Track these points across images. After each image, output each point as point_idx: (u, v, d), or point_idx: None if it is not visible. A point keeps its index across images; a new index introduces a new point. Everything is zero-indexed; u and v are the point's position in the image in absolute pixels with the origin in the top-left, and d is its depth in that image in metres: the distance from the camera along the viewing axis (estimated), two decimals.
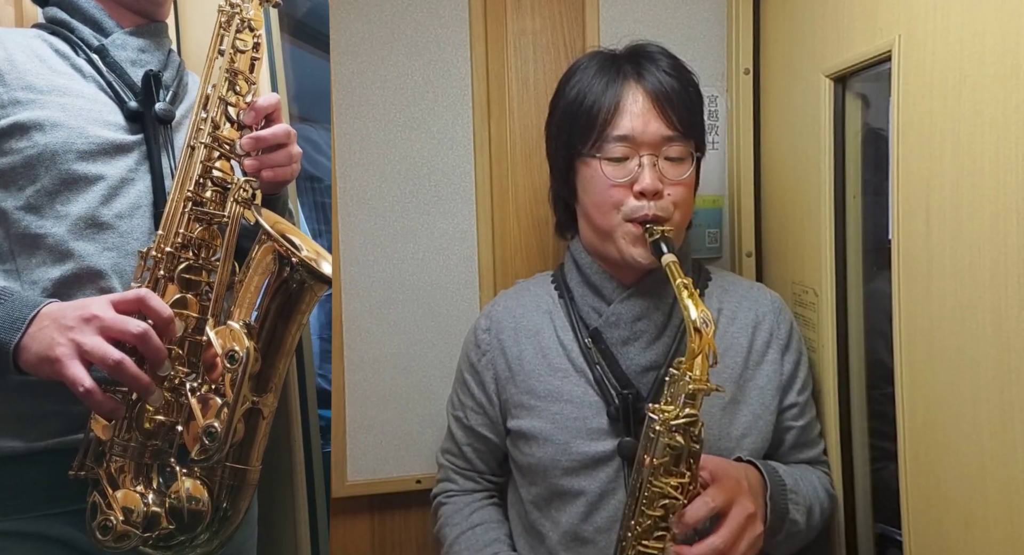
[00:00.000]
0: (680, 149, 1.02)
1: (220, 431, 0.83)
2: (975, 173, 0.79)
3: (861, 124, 1.10)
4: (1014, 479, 0.75)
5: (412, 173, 1.29)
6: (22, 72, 0.93)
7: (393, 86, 1.27)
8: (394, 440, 1.30)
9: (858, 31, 1.01)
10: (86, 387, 0.78)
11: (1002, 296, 0.75)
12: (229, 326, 0.87)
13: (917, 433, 0.90)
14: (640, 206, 1.00)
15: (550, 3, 1.32)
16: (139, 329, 0.80)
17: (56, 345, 0.79)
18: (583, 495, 1.02)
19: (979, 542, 0.80)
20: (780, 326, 1.09)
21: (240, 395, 0.85)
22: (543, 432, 1.04)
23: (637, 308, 1.05)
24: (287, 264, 0.89)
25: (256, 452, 0.91)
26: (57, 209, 0.91)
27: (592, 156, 1.02)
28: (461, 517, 1.14)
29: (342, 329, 1.28)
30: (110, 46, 1.00)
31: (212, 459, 0.84)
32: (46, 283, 0.90)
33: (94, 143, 0.93)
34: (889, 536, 1.09)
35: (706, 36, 1.33)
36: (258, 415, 0.90)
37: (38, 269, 0.90)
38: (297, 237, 0.94)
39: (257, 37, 0.99)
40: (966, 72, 0.80)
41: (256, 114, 0.96)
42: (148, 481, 0.86)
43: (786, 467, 1.05)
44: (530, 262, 1.34)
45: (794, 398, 1.08)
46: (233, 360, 0.85)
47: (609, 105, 1.01)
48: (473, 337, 1.16)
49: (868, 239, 1.10)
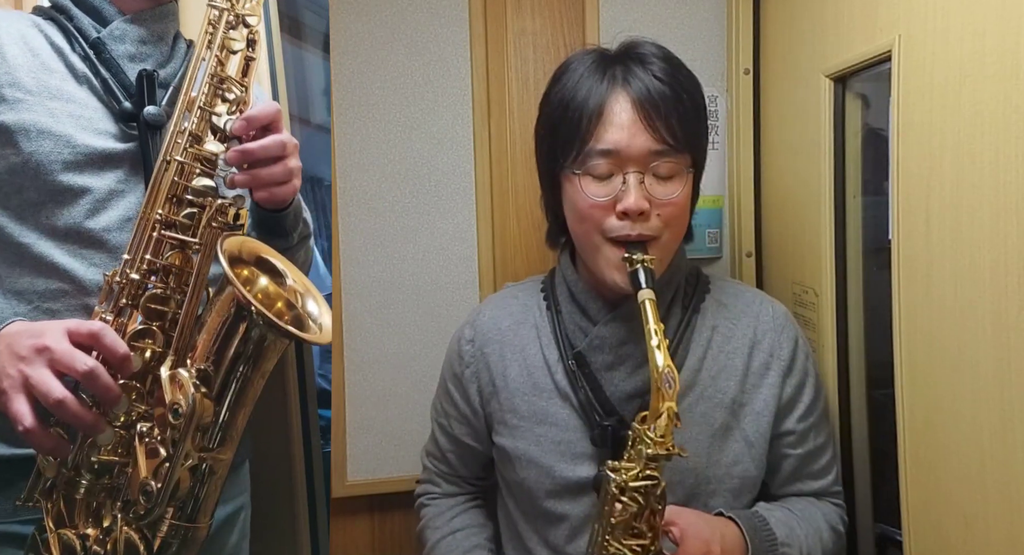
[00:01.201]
0: (670, 165, 0.92)
1: (155, 490, 0.76)
2: (975, 173, 0.79)
3: (861, 124, 1.10)
4: (1014, 479, 0.75)
5: (412, 173, 1.29)
6: (12, 67, 0.87)
7: (393, 86, 1.27)
8: (394, 440, 1.30)
9: (858, 31, 1.01)
10: (25, 426, 0.74)
11: (1002, 296, 0.75)
12: (178, 373, 0.78)
13: (917, 433, 0.90)
14: (622, 226, 0.92)
15: (550, 3, 1.32)
16: (86, 367, 0.74)
17: (4, 376, 0.75)
18: (567, 519, 0.99)
19: (979, 542, 0.80)
20: (782, 346, 1.01)
21: (181, 452, 0.76)
22: (526, 454, 1.01)
23: (622, 331, 0.98)
24: (245, 314, 0.79)
25: (205, 508, 0.82)
26: (42, 221, 0.87)
27: (573, 172, 0.94)
28: (442, 521, 1.12)
29: (342, 329, 1.28)
30: (107, 39, 0.93)
31: (151, 516, 0.77)
32: (31, 296, 0.87)
33: (82, 153, 0.88)
34: (889, 536, 1.08)
35: (706, 36, 1.33)
36: (208, 472, 0.80)
37: (22, 279, 0.87)
38: (276, 261, 0.86)
39: (253, 33, 0.89)
40: (966, 72, 0.80)
41: (248, 125, 0.86)
42: (97, 521, 0.80)
43: (782, 511, 0.99)
44: (530, 262, 1.34)
45: (792, 425, 1.00)
46: (177, 415, 0.76)
47: (591, 115, 0.92)
48: (457, 346, 1.10)
49: (868, 239, 1.10)
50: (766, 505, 1.01)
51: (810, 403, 1.02)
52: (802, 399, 1.02)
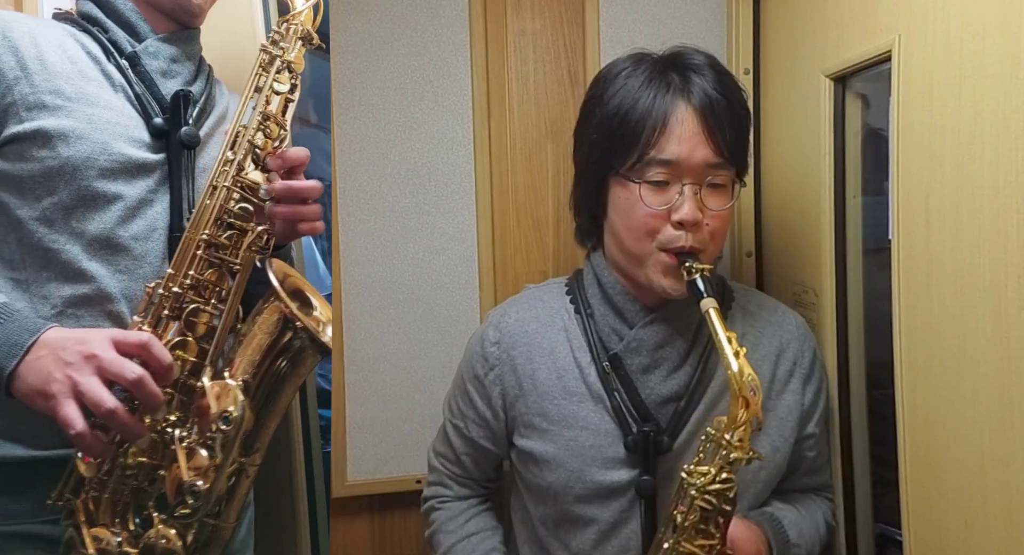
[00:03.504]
0: (724, 176, 0.95)
1: (204, 491, 0.81)
2: (975, 173, 0.79)
3: (861, 124, 1.10)
4: (1014, 479, 0.75)
5: (412, 173, 1.29)
6: (52, 73, 0.90)
7: (393, 86, 1.27)
8: (394, 440, 1.30)
9: (858, 31, 1.01)
10: (77, 430, 0.76)
11: (1002, 296, 0.75)
12: (225, 383, 0.84)
13: (917, 433, 0.90)
14: (677, 236, 0.93)
15: (550, 3, 1.32)
16: (135, 375, 0.78)
17: (53, 381, 0.77)
18: (595, 523, 0.99)
19: (979, 542, 0.80)
20: (804, 354, 1.05)
21: (230, 457, 0.83)
22: (556, 457, 1.00)
23: (660, 334, 0.99)
24: (290, 328, 0.87)
25: (234, 509, 0.88)
26: (72, 225, 0.89)
27: (630, 179, 0.95)
28: (456, 525, 1.11)
29: (342, 329, 1.28)
30: (142, 54, 0.97)
31: (195, 516, 0.82)
32: (56, 300, 0.88)
33: (116, 161, 0.91)
34: (889, 536, 1.09)
35: (706, 36, 1.33)
36: (242, 474, 0.88)
37: (48, 284, 0.89)
38: (311, 295, 0.93)
39: (295, 79, 0.95)
40: (966, 72, 0.80)
41: (283, 162, 0.93)
42: (124, 521, 0.85)
43: (791, 512, 1.02)
44: (530, 262, 1.34)
45: (812, 429, 1.04)
46: (228, 422, 0.82)
47: (655, 124, 0.93)
48: (480, 348, 1.08)
49: (868, 239, 1.10)
50: (779, 505, 1.03)
51: (824, 408, 1.07)
52: (819, 404, 1.06)
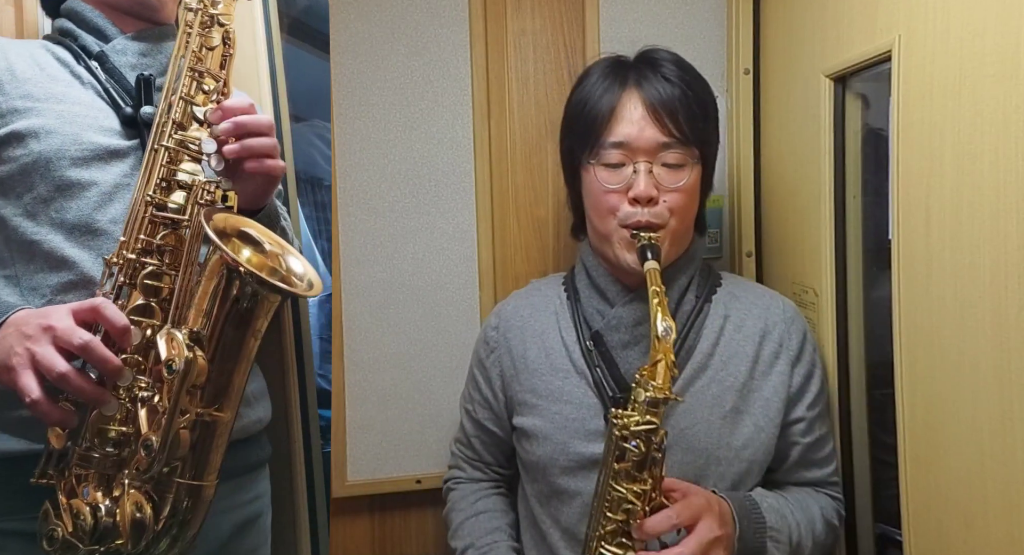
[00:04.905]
0: (678, 155, 1.01)
1: (155, 443, 0.80)
2: (975, 173, 0.79)
3: (861, 124, 1.10)
4: (1014, 479, 0.75)
5: (412, 173, 1.29)
6: (21, 81, 0.94)
7: (393, 86, 1.27)
8: (394, 440, 1.30)
9: (858, 31, 1.01)
10: (32, 397, 0.78)
11: (1002, 296, 0.75)
12: (171, 333, 0.82)
13: (917, 433, 0.90)
14: (633, 212, 1.00)
15: (550, 3, 1.32)
16: (81, 340, 0.79)
17: (13, 354, 0.80)
18: (579, 496, 1.03)
19: (979, 542, 0.80)
20: (791, 337, 1.07)
21: (176, 406, 0.80)
22: (543, 431, 1.06)
23: (639, 312, 1.04)
24: (235, 275, 0.83)
25: (211, 467, 0.86)
26: (52, 216, 0.92)
27: (589, 162, 1.04)
28: (467, 504, 1.17)
29: (342, 329, 1.28)
30: (110, 52, 1.01)
31: (152, 471, 0.80)
32: (45, 290, 0.91)
33: (88, 149, 0.93)
34: (889, 536, 1.08)
35: (706, 36, 1.33)
36: (208, 428, 0.85)
37: (36, 275, 0.91)
38: (258, 233, 0.90)
39: (227, 31, 0.95)
40: (966, 72, 0.80)
41: (223, 115, 0.91)
42: (109, 491, 0.84)
43: (776, 499, 1.02)
44: (530, 262, 1.34)
45: (802, 412, 1.05)
46: (171, 370, 0.80)
47: (606, 112, 1.03)
48: (483, 334, 1.19)
49: (868, 239, 1.10)
50: (761, 491, 1.04)
51: (817, 393, 1.07)
52: (810, 388, 1.07)
